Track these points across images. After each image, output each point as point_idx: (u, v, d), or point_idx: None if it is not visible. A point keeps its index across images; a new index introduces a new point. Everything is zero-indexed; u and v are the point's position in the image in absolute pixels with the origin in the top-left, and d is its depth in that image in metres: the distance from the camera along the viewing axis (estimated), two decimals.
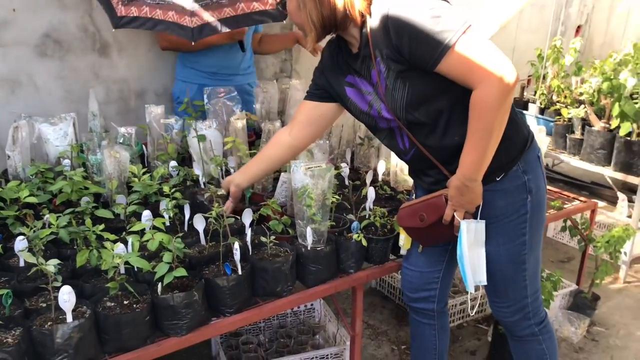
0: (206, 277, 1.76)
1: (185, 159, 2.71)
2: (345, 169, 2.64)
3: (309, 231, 1.94)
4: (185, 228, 2.12)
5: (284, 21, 2.79)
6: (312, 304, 2.81)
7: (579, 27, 6.03)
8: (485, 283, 1.78)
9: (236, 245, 1.79)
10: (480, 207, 1.73)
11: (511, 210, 1.77)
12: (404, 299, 2.19)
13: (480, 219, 1.74)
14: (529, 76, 5.04)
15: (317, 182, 1.97)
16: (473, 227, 1.72)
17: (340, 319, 2.44)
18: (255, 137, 3.07)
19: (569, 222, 2.94)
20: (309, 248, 1.96)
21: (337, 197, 2.15)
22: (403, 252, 2.11)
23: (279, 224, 2.09)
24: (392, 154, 2.61)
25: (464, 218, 1.72)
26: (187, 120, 2.73)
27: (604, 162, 3.63)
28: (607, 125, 3.62)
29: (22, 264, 1.80)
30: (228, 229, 1.89)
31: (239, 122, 2.55)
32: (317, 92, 1.97)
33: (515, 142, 1.74)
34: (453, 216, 1.72)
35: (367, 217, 2.18)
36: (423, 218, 1.80)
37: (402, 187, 2.62)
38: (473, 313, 2.96)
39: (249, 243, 1.94)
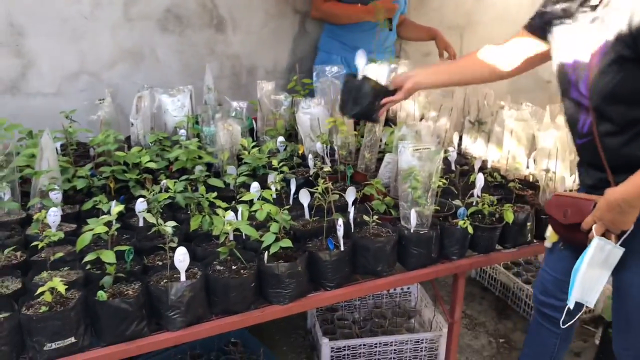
0: (310, 250, 1.79)
1: (292, 135, 2.76)
2: (452, 153, 2.56)
3: (412, 213, 1.91)
4: (291, 201, 2.17)
5: None
6: (409, 288, 2.79)
7: None
8: (591, 306, 1.65)
9: (340, 221, 1.80)
10: (627, 234, 1.57)
11: None
12: (533, 300, 2.07)
13: (623, 245, 1.58)
14: None
15: (425, 164, 1.93)
16: (607, 248, 1.57)
17: (438, 305, 2.40)
18: None
19: None
20: (412, 230, 1.93)
21: (443, 181, 2.09)
22: (547, 244, 1.96)
23: (382, 204, 2.08)
24: (505, 140, 2.50)
25: (603, 235, 1.58)
26: (295, 97, 2.79)
27: None
28: None
29: (141, 224, 1.92)
30: (332, 205, 1.90)
31: None
32: (539, 24, 1.78)
33: None
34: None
35: (474, 204, 2.11)
36: (566, 214, 1.69)
37: (514, 176, 2.50)
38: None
39: (351, 221, 1.94)
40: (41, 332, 1.38)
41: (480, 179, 2.21)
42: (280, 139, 2.56)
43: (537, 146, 2.32)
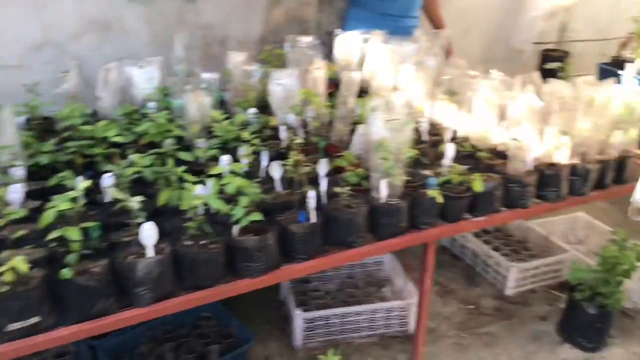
0: (280, 223, 1.79)
1: (264, 107, 2.73)
2: (424, 123, 2.56)
3: (383, 184, 1.92)
4: (263, 174, 2.16)
5: None
6: (381, 258, 2.82)
7: None
8: None
9: (311, 193, 1.80)
10: None
11: None
12: None
13: None
14: (629, 34, 4.65)
15: (396, 135, 1.93)
16: None
17: (409, 274, 2.44)
18: (334, 87, 3.04)
19: None
20: (382, 201, 1.94)
21: (415, 151, 2.10)
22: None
23: (354, 175, 2.08)
24: (476, 109, 2.50)
25: None
26: (267, 69, 2.75)
27: None
28: None
29: (108, 199, 1.89)
30: (305, 178, 1.90)
31: (318, 72, 2.52)
32: None
33: None
34: None
35: (444, 173, 2.13)
36: None
37: (484, 145, 2.51)
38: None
39: (323, 193, 1.94)
40: (2, 312, 1.37)
41: (450, 149, 2.22)
42: (252, 110, 2.53)
43: (507, 115, 2.33)
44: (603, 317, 2.36)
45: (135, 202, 1.58)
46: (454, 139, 2.44)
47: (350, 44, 3.16)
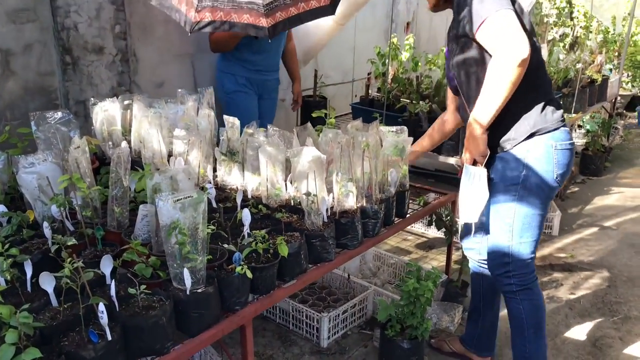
0: (67, 351, 1.43)
1: (15, 199, 2.26)
2: (211, 190, 2.39)
3: (186, 273, 1.69)
4: (29, 288, 1.74)
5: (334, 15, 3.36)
6: None
7: (407, 24, 6.36)
8: (473, 221, 2.25)
9: (101, 306, 1.48)
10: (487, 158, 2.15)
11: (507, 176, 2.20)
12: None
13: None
14: (368, 74, 5.17)
15: (188, 215, 1.72)
16: (472, 170, 2.18)
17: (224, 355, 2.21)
18: (98, 163, 2.69)
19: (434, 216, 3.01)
20: (188, 292, 1.70)
21: (212, 227, 1.91)
22: None
23: (147, 267, 1.80)
24: (261, 167, 2.42)
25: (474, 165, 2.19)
26: (11, 153, 2.30)
27: (452, 152, 3.81)
28: None
29: None
30: (87, 286, 1.56)
31: (80, 151, 2.17)
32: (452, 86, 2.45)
33: (523, 124, 2.14)
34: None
35: (246, 244, 1.98)
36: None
37: (276, 202, 2.44)
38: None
39: (114, 298, 1.62)
40: None
41: (246, 216, 2.09)
42: (1, 208, 2.06)
43: (293, 170, 2.30)
44: (416, 348, 2.44)
45: None
46: (245, 201, 2.33)
47: (110, 111, 2.85)
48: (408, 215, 2.73)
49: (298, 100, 4.26)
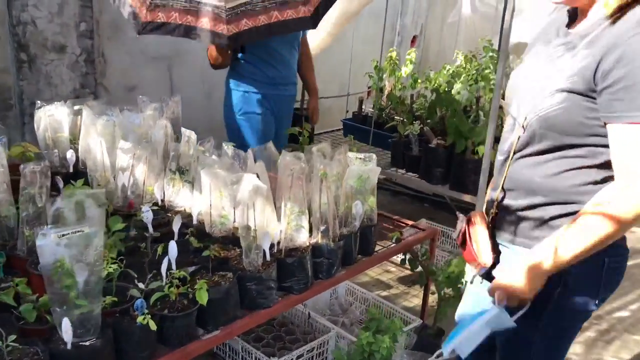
0: None
1: None
2: (146, 214, 2.10)
3: (65, 323, 1.40)
4: None
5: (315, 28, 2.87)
6: None
7: (414, 37, 6.06)
8: (463, 357, 1.62)
9: None
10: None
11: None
12: None
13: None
14: (368, 88, 4.88)
15: (77, 252, 1.43)
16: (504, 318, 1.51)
17: None
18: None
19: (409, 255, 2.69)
20: (68, 347, 1.42)
21: (114, 267, 1.62)
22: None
23: (33, 309, 1.52)
24: (205, 190, 2.13)
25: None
26: None
27: (442, 180, 3.50)
28: (443, 142, 3.48)
29: None
30: None
31: None
32: None
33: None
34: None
35: (164, 283, 1.69)
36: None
37: (220, 232, 2.15)
38: None
39: None
40: None
41: (172, 250, 1.80)
42: None
43: (233, 199, 2.01)
44: None
45: None
46: (187, 226, 2.05)
47: (56, 116, 2.59)
48: (376, 253, 2.42)
49: (314, 118, 3.71)
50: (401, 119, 4.01)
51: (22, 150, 2.38)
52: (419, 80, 4.35)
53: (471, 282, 1.76)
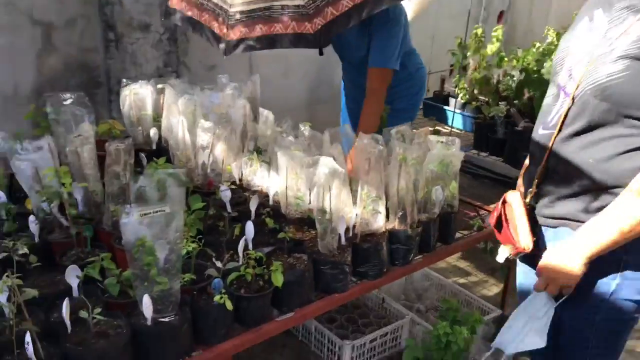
0: None
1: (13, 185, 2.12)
2: (225, 193, 2.12)
3: (146, 300, 1.43)
4: None
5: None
6: None
7: (501, 12, 5.75)
8: (507, 352, 1.53)
9: (27, 337, 1.25)
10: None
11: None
12: None
13: None
14: (450, 66, 4.69)
15: (158, 231, 1.46)
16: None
17: None
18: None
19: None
20: (148, 322, 1.45)
21: (194, 246, 1.64)
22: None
23: (115, 284, 1.57)
24: (281, 171, 2.11)
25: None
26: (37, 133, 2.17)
27: None
28: (531, 125, 3.27)
29: None
30: (24, 308, 1.34)
31: (80, 140, 1.98)
32: None
33: None
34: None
35: (240, 263, 1.70)
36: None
37: (296, 213, 2.13)
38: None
39: (65, 319, 1.40)
40: None
41: (249, 230, 1.81)
42: None
43: (309, 181, 1.98)
44: None
45: None
46: (264, 206, 2.05)
47: (140, 95, 2.66)
48: (456, 242, 2.32)
49: None
50: (486, 99, 3.82)
51: (109, 127, 2.47)
52: (506, 59, 4.12)
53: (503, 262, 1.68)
